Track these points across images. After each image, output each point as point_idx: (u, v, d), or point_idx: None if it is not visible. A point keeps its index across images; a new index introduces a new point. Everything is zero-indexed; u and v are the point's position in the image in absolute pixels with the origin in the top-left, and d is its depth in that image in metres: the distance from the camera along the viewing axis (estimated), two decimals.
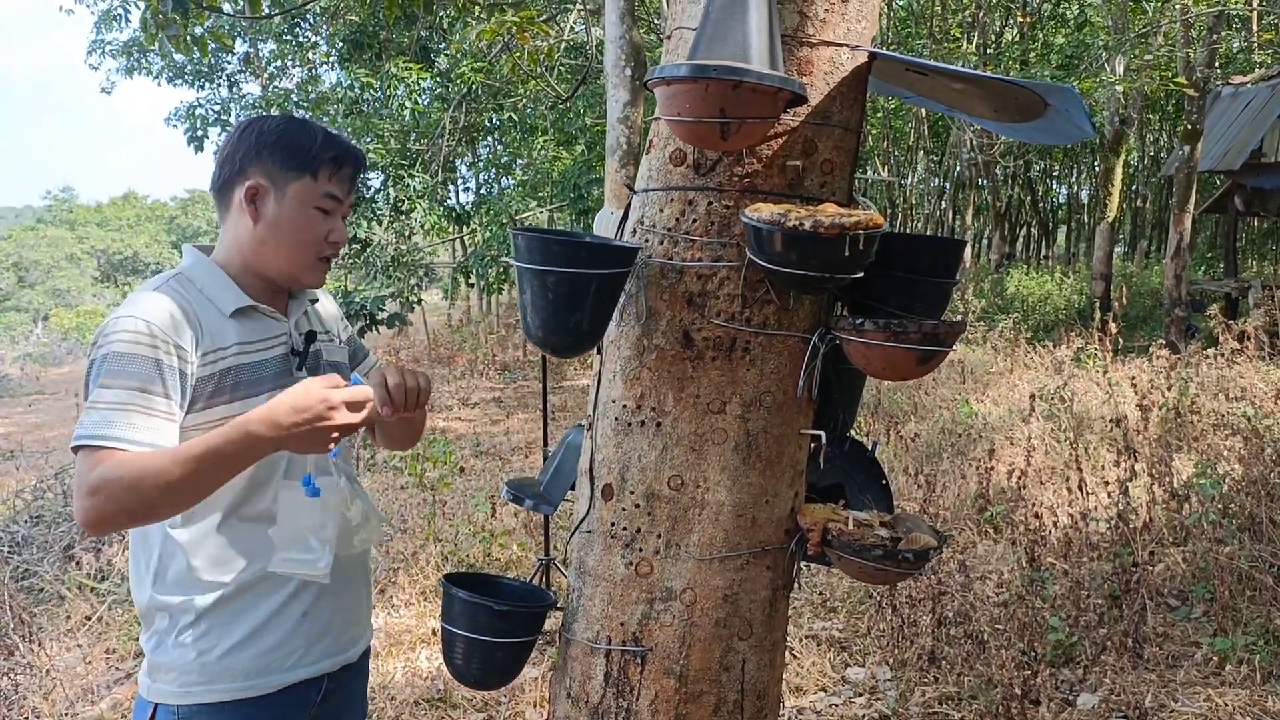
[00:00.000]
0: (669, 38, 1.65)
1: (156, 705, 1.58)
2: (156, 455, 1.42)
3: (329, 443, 1.47)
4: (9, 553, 5.21)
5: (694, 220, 1.56)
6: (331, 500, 1.62)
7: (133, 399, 1.46)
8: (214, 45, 5.70)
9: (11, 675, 3.77)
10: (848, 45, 1.56)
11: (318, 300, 1.82)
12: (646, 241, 1.60)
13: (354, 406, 1.47)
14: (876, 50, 1.59)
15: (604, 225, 1.80)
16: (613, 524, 1.62)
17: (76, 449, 1.45)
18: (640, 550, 1.60)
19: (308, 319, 1.77)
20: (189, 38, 5.07)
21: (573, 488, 1.82)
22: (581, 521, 1.69)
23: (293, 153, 1.62)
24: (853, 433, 1.87)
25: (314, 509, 1.60)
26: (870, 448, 1.86)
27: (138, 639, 4.26)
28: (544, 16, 9.03)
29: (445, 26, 12.74)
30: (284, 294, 1.72)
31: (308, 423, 1.43)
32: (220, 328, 1.58)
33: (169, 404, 1.49)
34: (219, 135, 16.27)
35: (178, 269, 1.65)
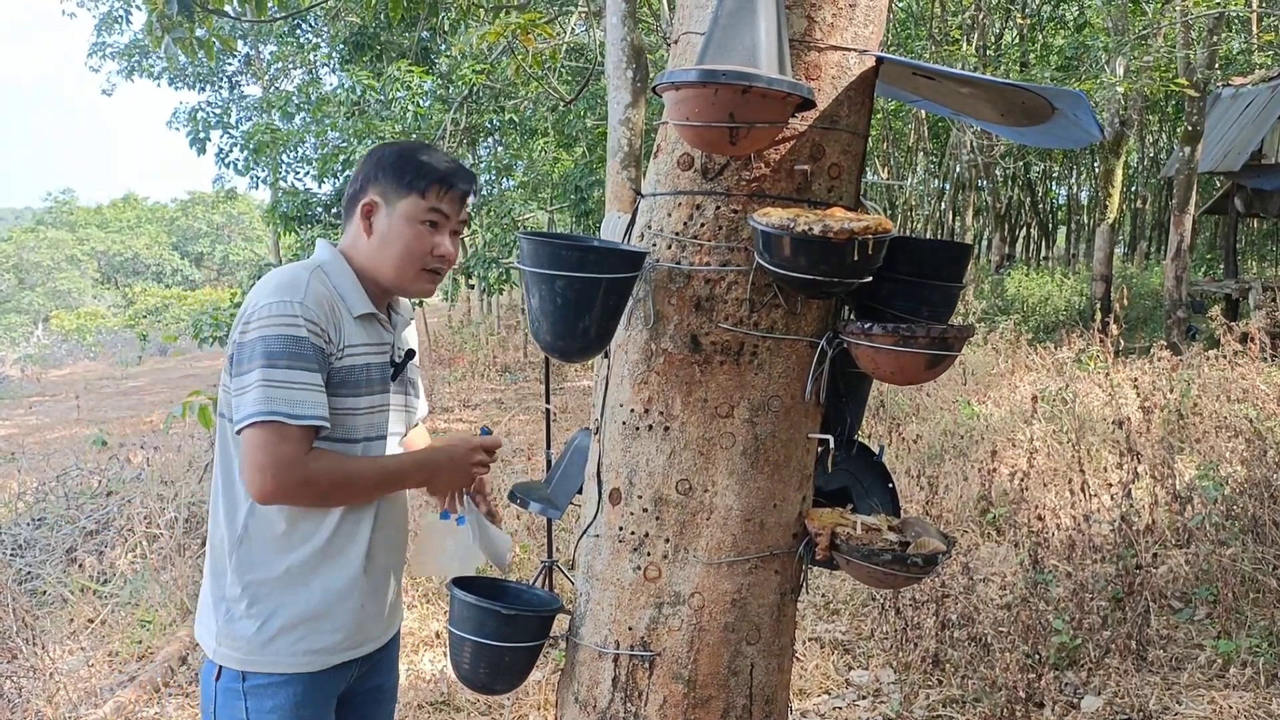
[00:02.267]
0: (676, 43, 1.65)
1: (221, 668, 1.71)
2: (360, 462, 1.70)
3: (471, 482, 1.88)
4: (11, 555, 5.20)
5: (702, 224, 1.56)
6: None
7: (309, 379, 1.60)
8: (218, 48, 5.69)
9: (15, 678, 3.77)
10: (855, 50, 1.56)
11: (412, 321, 1.97)
12: (654, 246, 1.60)
13: (490, 454, 1.87)
14: (884, 55, 1.59)
15: (611, 229, 1.80)
16: (620, 528, 1.62)
17: (261, 423, 1.56)
18: (648, 555, 1.60)
19: (403, 336, 1.91)
20: (194, 41, 5.08)
21: (579, 491, 1.82)
22: (589, 526, 1.69)
23: (404, 172, 1.75)
24: (857, 435, 1.87)
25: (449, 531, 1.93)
26: (878, 452, 1.86)
27: (140, 641, 4.27)
28: (545, 19, 9.03)
29: (446, 28, 12.74)
30: (387, 306, 1.85)
31: (464, 469, 1.83)
32: (350, 326, 1.72)
33: (323, 383, 1.64)
34: (220, 137, 16.30)
35: (316, 261, 1.76)
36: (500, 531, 1.97)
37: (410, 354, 1.90)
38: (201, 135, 16.04)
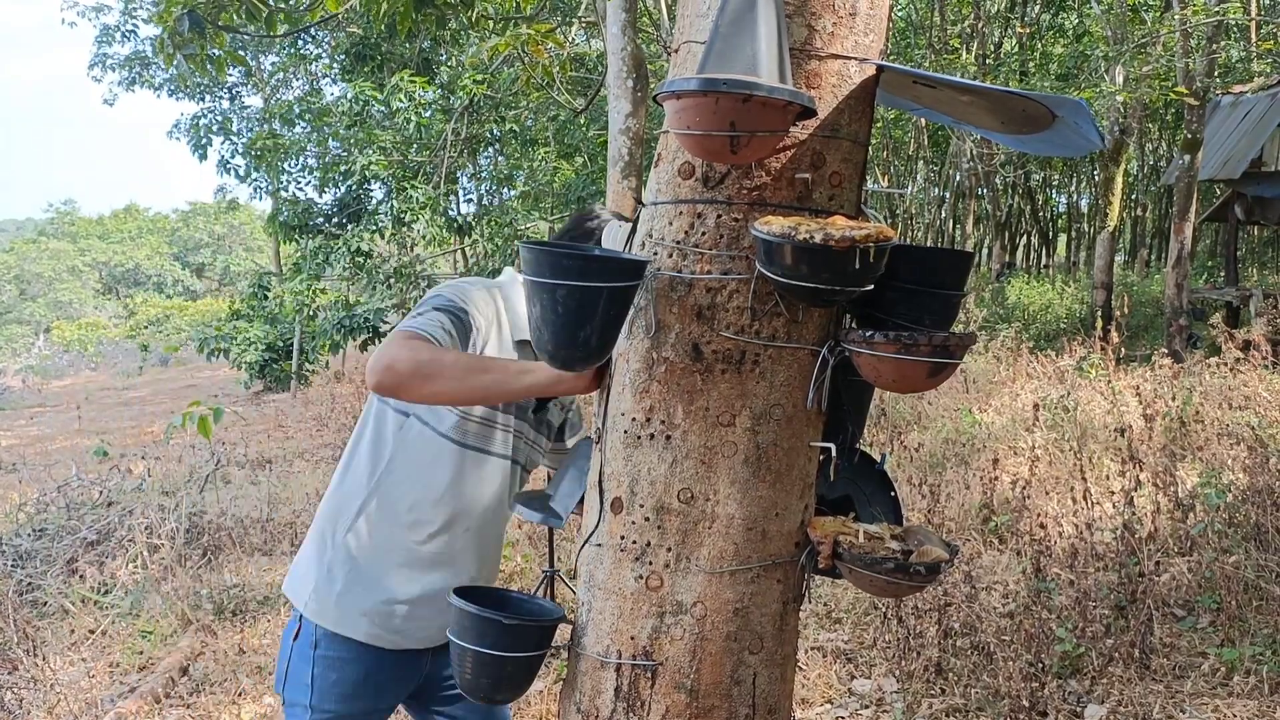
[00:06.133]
0: (676, 51, 1.66)
1: (300, 628, 1.92)
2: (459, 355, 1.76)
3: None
4: (12, 566, 5.20)
5: (703, 233, 1.56)
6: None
7: (451, 327, 1.78)
8: (228, 63, 5.72)
9: (15, 689, 3.76)
10: (856, 58, 1.56)
11: None
12: (655, 254, 1.60)
13: None
14: (884, 63, 1.59)
15: (613, 238, 1.80)
16: (622, 537, 1.62)
17: (409, 332, 1.73)
18: (650, 564, 1.60)
19: None
20: (206, 58, 5.10)
21: (581, 500, 1.81)
22: (591, 535, 1.68)
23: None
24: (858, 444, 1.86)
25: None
26: (880, 460, 1.86)
27: (141, 652, 4.26)
28: (549, 30, 9.06)
29: (447, 39, 12.79)
30: None
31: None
32: (503, 345, 1.90)
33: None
34: (222, 144, 16.37)
35: (497, 281, 1.97)
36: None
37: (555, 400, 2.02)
38: (204, 141, 16.10)
